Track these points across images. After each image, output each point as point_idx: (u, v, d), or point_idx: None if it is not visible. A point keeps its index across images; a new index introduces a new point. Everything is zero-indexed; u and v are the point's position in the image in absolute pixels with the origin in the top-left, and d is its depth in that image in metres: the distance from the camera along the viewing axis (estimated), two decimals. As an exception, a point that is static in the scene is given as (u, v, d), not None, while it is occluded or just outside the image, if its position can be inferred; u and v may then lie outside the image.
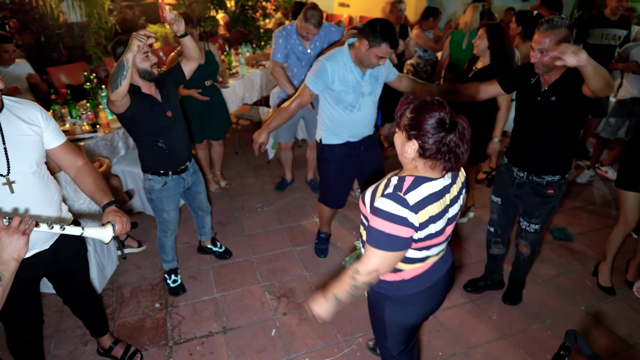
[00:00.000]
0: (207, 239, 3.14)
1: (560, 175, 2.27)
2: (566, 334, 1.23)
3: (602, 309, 2.73)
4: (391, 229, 1.32)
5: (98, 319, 2.26)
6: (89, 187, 1.74)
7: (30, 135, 1.60)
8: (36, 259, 1.70)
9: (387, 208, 1.32)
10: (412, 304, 1.60)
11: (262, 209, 3.84)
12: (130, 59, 1.98)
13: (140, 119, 2.26)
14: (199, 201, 2.82)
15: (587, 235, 3.48)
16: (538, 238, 2.49)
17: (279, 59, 3.39)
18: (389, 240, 1.34)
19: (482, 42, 2.88)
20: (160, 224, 2.65)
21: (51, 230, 1.39)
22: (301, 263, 3.13)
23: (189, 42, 2.33)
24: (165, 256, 2.78)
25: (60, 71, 5.07)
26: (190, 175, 2.61)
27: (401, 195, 1.33)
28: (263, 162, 4.75)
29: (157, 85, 2.33)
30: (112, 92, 2.03)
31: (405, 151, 1.38)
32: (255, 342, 2.47)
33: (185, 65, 2.45)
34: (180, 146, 2.45)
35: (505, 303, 2.74)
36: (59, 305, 2.69)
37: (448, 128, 1.30)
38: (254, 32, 7.12)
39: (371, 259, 1.38)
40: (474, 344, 2.46)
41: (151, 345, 2.45)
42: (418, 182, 1.36)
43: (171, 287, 2.82)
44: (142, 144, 2.40)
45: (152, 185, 2.47)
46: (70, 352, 2.40)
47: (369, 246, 1.39)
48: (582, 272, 3.06)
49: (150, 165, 2.44)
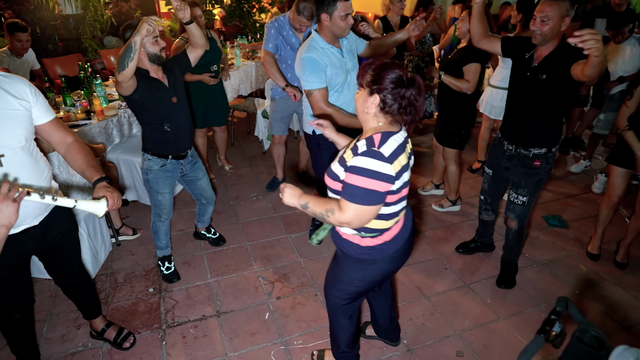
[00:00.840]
0: (203, 226, 3.14)
1: (547, 148, 2.34)
2: (557, 300, 1.22)
3: (596, 292, 2.73)
4: (369, 184, 1.41)
5: (90, 300, 2.25)
6: (79, 163, 1.73)
7: (18, 109, 1.59)
8: (25, 235, 1.69)
9: (365, 165, 1.41)
10: (391, 262, 1.70)
11: (257, 198, 3.83)
12: (138, 41, 2.01)
13: (147, 102, 2.28)
14: (201, 188, 2.78)
15: (582, 222, 3.49)
16: (525, 212, 2.54)
17: (270, 48, 3.33)
18: (366, 194, 1.42)
19: (463, 25, 2.98)
20: (155, 207, 2.63)
21: (42, 200, 1.38)
22: (295, 249, 3.12)
23: (195, 29, 2.34)
24: (159, 242, 2.76)
25: (56, 63, 5.05)
26: (188, 163, 2.61)
27: (376, 150, 1.42)
28: (258, 153, 4.74)
29: (164, 71, 2.35)
30: (119, 73, 2.05)
31: (367, 107, 1.49)
32: (248, 325, 2.46)
33: (191, 52, 2.47)
34: (184, 132, 2.47)
35: (500, 287, 2.75)
36: (53, 290, 2.68)
37: (407, 84, 1.42)
38: (250, 26, 7.10)
39: (346, 211, 1.46)
40: (467, 327, 2.46)
41: (144, 328, 2.44)
42: (386, 136, 1.47)
43: (165, 274, 2.80)
44: (147, 127, 2.42)
45: (150, 165, 2.47)
46: (63, 335, 2.39)
47: (344, 200, 1.46)
48: (576, 257, 3.06)
49: (153, 148, 2.45)
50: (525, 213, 2.55)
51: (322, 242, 1.85)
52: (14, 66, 3.92)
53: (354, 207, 1.44)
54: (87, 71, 3.94)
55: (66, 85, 3.59)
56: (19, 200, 1.30)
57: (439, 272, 2.90)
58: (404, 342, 2.35)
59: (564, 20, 2.11)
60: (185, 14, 2.23)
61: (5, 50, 3.94)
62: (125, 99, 2.27)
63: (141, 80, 2.21)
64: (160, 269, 2.82)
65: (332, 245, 3.14)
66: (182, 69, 2.47)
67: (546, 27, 2.11)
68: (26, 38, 3.80)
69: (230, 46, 5.71)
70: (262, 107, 4.54)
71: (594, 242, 3.06)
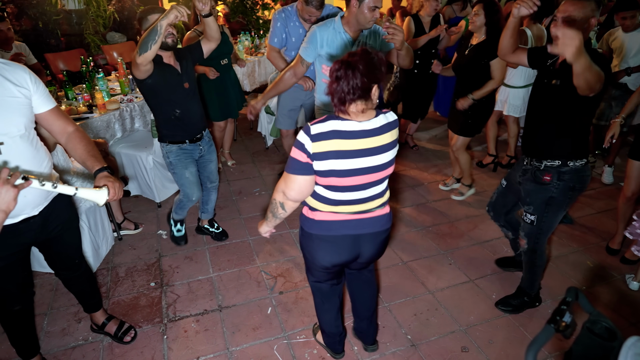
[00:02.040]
0: (207, 217, 3.11)
1: (560, 161, 2.08)
2: (567, 290, 1.19)
3: (603, 289, 2.69)
4: (293, 152, 1.56)
5: (90, 293, 2.23)
6: (80, 153, 1.70)
7: (18, 97, 1.56)
8: (25, 225, 1.67)
9: (298, 137, 1.55)
10: (313, 242, 1.76)
11: (259, 193, 3.80)
12: (164, 25, 2.06)
13: (160, 87, 2.33)
14: (210, 171, 2.83)
15: (588, 219, 3.44)
16: (536, 233, 2.24)
17: (276, 44, 3.28)
18: (291, 162, 1.57)
19: (478, 19, 2.92)
20: (183, 187, 2.68)
21: (42, 187, 1.35)
22: (298, 244, 3.08)
23: (212, 22, 2.38)
24: (180, 211, 2.86)
25: (58, 58, 5.04)
26: (206, 143, 2.70)
27: (308, 125, 1.54)
28: (261, 149, 4.71)
29: (177, 58, 2.41)
30: (139, 55, 2.09)
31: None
32: (250, 320, 2.43)
33: (205, 44, 2.52)
34: (195, 117, 2.54)
35: (496, 306, 2.53)
36: (54, 283, 2.66)
37: (337, 77, 1.48)
38: (253, 22, 7.08)
39: (282, 180, 1.64)
40: (472, 322, 2.43)
41: (145, 322, 2.41)
42: (328, 118, 1.55)
43: (174, 235, 2.95)
44: (159, 113, 2.48)
45: (169, 148, 2.55)
46: (64, 328, 2.37)
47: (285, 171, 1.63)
48: (582, 254, 3.02)
49: (167, 134, 2.52)
50: (537, 234, 2.25)
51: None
52: None
53: (285, 175, 1.61)
54: (90, 65, 3.92)
55: (68, 79, 3.57)
56: (21, 188, 1.28)
57: (443, 267, 2.87)
58: (408, 337, 2.32)
59: (589, 22, 1.89)
60: (206, 6, 2.28)
61: None
62: (138, 84, 2.32)
63: (156, 66, 2.26)
64: (170, 229, 2.89)
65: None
66: (194, 58, 2.53)
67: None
68: (6, 27, 3.71)
69: (234, 42, 5.68)
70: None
71: (616, 237, 2.99)
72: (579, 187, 2.12)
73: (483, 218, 3.39)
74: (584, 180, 2.12)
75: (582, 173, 2.10)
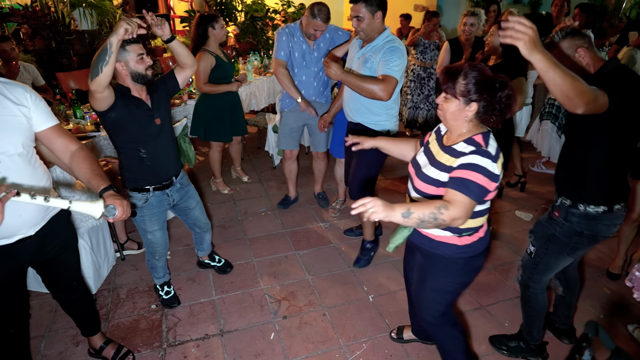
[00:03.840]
0: (205, 254, 2.92)
1: (571, 201, 1.84)
2: (586, 324, 1.10)
3: (621, 317, 2.57)
4: (482, 180, 1.44)
5: (88, 317, 2.17)
6: (84, 172, 1.64)
7: (17, 115, 1.54)
8: (21, 245, 1.62)
9: (480, 162, 1.45)
10: (480, 257, 1.71)
11: (265, 213, 3.75)
12: (114, 43, 1.77)
13: (125, 122, 2.05)
14: (194, 218, 2.57)
15: (604, 242, 3.32)
16: (532, 266, 2.04)
17: (282, 57, 3.23)
18: (479, 190, 1.44)
19: (495, 39, 2.87)
20: (147, 246, 2.44)
21: (34, 201, 1.31)
22: (304, 267, 3.02)
23: (178, 47, 2.13)
24: (156, 274, 2.59)
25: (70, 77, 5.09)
26: (177, 191, 2.37)
27: (485, 149, 1.47)
28: (268, 168, 4.68)
29: (148, 91, 2.14)
30: (91, 80, 1.81)
31: (465, 115, 1.51)
32: (253, 346, 2.35)
33: (179, 73, 2.25)
34: (165, 158, 2.24)
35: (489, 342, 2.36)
36: (54, 305, 2.61)
37: (499, 86, 1.45)
38: (263, 42, 7.15)
39: (458, 205, 1.43)
40: (484, 352, 2.31)
41: (144, 346, 2.34)
42: (486, 136, 1.52)
43: (164, 299, 2.62)
44: (122, 153, 2.17)
45: (132, 203, 2.22)
46: (61, 352, 2.30)
47: (456, 193, 1.44)
48: (598, 279, 2.90)
49: (130, 178, 2.21)
50: (531, 269, 2.04)
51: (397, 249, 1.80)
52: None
53: (467, 200, 1.43)
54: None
55: (76, 97, 3.59)
56: (5, 201, 1.23)
57: (453, 292, 2.76)
58: (417, 367, 2.21)
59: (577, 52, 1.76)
60: (163, 30, 2.03)
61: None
62: (100, 118, 2.02)
63: (121, 98, 2.00)
64: (159, 294, 2.64)
65: (340, 263, 3.05)
66: (168, 91, 2.25)
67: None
68: (10, 47, 3.70)
69: (243, 62, 5.73)
70: (273, 122, 4.49)
71: (616, 261, 2.89)
72: (589, 235, 1.84)
73: (494, 241, 3.29)
74: (598, 229, 1.82)
75: (599, 221, 1.81)
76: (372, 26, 2.50)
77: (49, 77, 4.77)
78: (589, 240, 1.86)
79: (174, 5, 9.58)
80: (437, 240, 1.69)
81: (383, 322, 2.52)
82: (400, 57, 2.44)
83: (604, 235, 1.85)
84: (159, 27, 2.02)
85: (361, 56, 2.58)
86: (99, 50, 1.80)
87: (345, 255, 3.16)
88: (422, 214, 1.40)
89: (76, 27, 5.39)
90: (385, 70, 2.41)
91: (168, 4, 9.40)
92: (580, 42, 1.77)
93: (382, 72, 2.42)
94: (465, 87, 1.48)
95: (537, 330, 2.19)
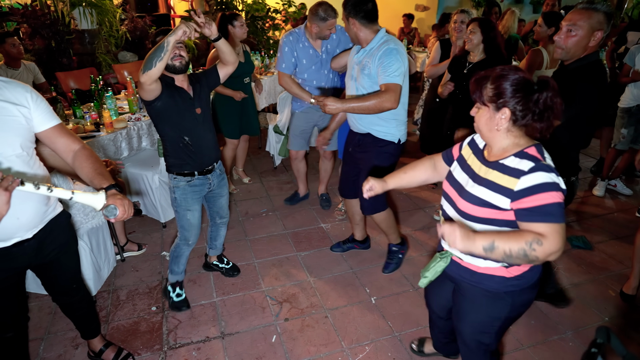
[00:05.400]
0: (216, 254, 2.88)
1: None
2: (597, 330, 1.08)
3: (628, 320, 2.54)
4: (555, 197, 1.25)
5: (88, 319, 2.14)
6: (87, 171, 1.61)
7: (16, 116, 1.51)
8: (19, 248, 1.59)
9: (548, 179, 1.26)
10: (533, 288, 1.50)
11: (266, 214, 3.72)
12: (171, 42, 1.93)
13: (169, 111, 2.15)
14: (220, 206, 2.59)
15: (608, 244, 3.30)
16: None
17: (284, 69, 3.21)
18: (560, 209, 1.25)
19: (475, 37, 2.89)
20: (183, 229, 2.43)
21: (37, 190, 1.28)
22: (305, 268, 2.99)
23: (224, 45, 2.23)
24: (177, 267, 2.54)
25: (69, 77, 5.07)
26: (217, 177, 2.45)
27: (545, 163, 1.29)
28: (269, 169, 4.65)
29: (190, 82, 2.25)
30: (143, 72, 1.94)
31: (497, 124, 1.35)
32: (254, 348, 2.32)
33: (221, 69, 2.36)
34: (207, 146, 2.32)
35: None
36: (53, 307, 2.58)
37: (538, 87, 1.30)
38: (263, 42, 7.13)
39: (554, 236, 1.22)
40: (488, 355, 2.29)
41: (145, 349, 2.31)
42: (539, 147, 1.35)
43: (175, 302, 2.57)
44: (167, 140, 2.26)
45: (176, 182, 2.31)
46: (60, 355, 2.27)
47: (545, 225, 1.23)
48: (603, 282, 2.87)
49: (175, 164, 2.29)
50: None
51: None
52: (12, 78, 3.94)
53: (557, 228, 1.23)
54: (99, 84, 3.92)
55: (76, 97, 3.56)
56: (11, 190, 1.21)
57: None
58: (420, 371, 2.19)
59: (594, 34, 1.87)
60: (211, 29, 2.11)
61: (1, 65, 3.95)
62: (147, 106, 2.15)
63: (166, 88, 2.11)
64: (168, 295, 2.58)
65: (342, 264, 3.02)
66: (210, 83, 2.36)
67: (571, 40, 1.89)
68: (17, 42, 3.90)
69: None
70: (274, 122, 4.46)
71: (631, 282, 2.66)
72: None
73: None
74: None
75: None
76: (350, 32, 2.42)
77: (49, 77, 4.74)
78: None
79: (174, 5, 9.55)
80: (481, 272, 1.50)
81: (386, 324, 2.49)
82: (398, 58, 2.29)
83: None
84: (207, 27, 2.10)
85: (359, 62, 2.46)
86: (155, 46, 1.94)
87: (347, 256, 3.13)
88: (509, 249, 1.24)
89: (76, 26, 5.35)
90: (385, 78, 2.29)
91: (168, 3, 9.37)
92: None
93: (383, 81, 2.30)
94: (493, 92, 1.34)
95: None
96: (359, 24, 2.36)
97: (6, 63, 3.97)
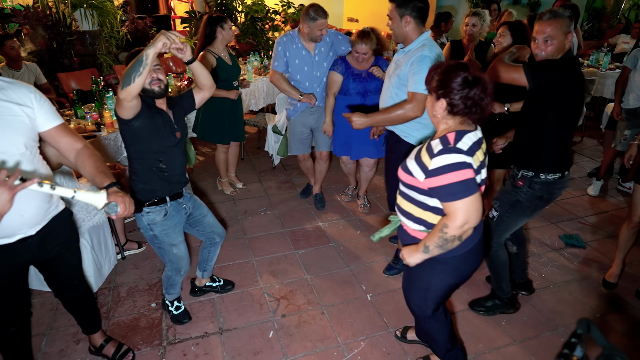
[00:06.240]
0: (208, 275, 2.73)
1: (533, 172, 2.19)
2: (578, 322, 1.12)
3: (617, 317, 2.59)
4: (458, 176, 1.45)
5: (90, 315, 2.19)
6: (89, 169, 1.66)
7: (20, 116, 1.56)
8: (22, 245, 1.64)
9: (447, 161, 1.46)
10: (461, 263, 1.70)
11: (264, 213, 3.77)
12: (150, 55, 1.76)
13: (148, 132, 2.01)
14: (210, 225, 2.45)
15: (601, 242, 3.35)
16: (494, 229, 2.34)
17: (277, 67, 3.31)
18: (462, 186, 1.45)
19: (505, 39, 2.89)
20: (172, 263, 2.30)
21: (40, 188, 1.33)
22: (302, 266, 3.04)
23: (199, 68, 2.10)
24: (173, 290, 2.46)
25: (71, 77, 5.12)
26: (189, 200, 2.32)
27: (452, 147, 1.48)
28: (268, 168, 4.70)
29: (168, 105, 2.14)
30: (122, 89, 1.78)
31: (435, 110, 1.56)
32: (252, 344, 2.37)
33: (197, 93, 2.23)
34: (180, 171, 2.22)
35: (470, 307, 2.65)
36: (55, 303, 2.63)
37: (471, 83, 1.46)
38: (263, 43, 7.17)
39: (456, 213, 1.47)
40: (481, 350, 2.34)
41: (144, 344, 2.36)
42: (460, 134, 1.52)
43: (175, 315, 2.50)
44: (139, 163, 2.10)
45: (152, 218, 2.14)
46: (62, 350, 2.32)
47: (447, 204, 1.49)
48: (596, 279, 2.92)
49: (144, 190, 2.12)
50: (494, 231, 2.34)
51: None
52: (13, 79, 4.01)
53: (460, 204, 1.46)
54: (100, 85, 3.98)
55: (78, 98, 3.62)
56: (18, 190, 1.26)
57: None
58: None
59: (567, 37, 2.04)
60: (185, 52, 1.93)
61: (3, 66, 4.01)
62: (122, 125, 1.97)
63: (147, 109, 1.98)
64: (167, 309, 2.52)
65: (339, 262, 3.07)
66: (185, 107, 2.24)
67: (551, 48, 2.04)
68: (17, 44, 4.00)
69: (243, 62, 5.75)
70: (273, 122, 4.51)
71: (613, 270, 2.80)
72: (547, 198, 2.23)
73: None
74: (553, 192, 2.22)
75: (554, 186, 2.20)
76: (400, 30, 2.39)
77: (50, 78, 4.79)
78: (545, 202, 2.25)
79: (174, 6, 9.61)
80: (413, 235, 1.71)
81: (381, 320, 2.54)
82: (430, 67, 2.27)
83: (556, 197, 2.27)
84: (180, 51, 1.91)
85: (396, 61, 2.48)
86: (134, 60, 1.78)
87: (344, 254, 3.18)
88: (434, 242, 1.54)
89: (77, 27, 5.40)
90: (413, 86, 2.30)
91: (169, 4, 9.42)
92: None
93: (410, 88, 2.32)
94: (436, 84, 1.53)
95: (506, 284, 2.51)
96: (413, 22, 2.35)
97: (7, 64, 4.03)
